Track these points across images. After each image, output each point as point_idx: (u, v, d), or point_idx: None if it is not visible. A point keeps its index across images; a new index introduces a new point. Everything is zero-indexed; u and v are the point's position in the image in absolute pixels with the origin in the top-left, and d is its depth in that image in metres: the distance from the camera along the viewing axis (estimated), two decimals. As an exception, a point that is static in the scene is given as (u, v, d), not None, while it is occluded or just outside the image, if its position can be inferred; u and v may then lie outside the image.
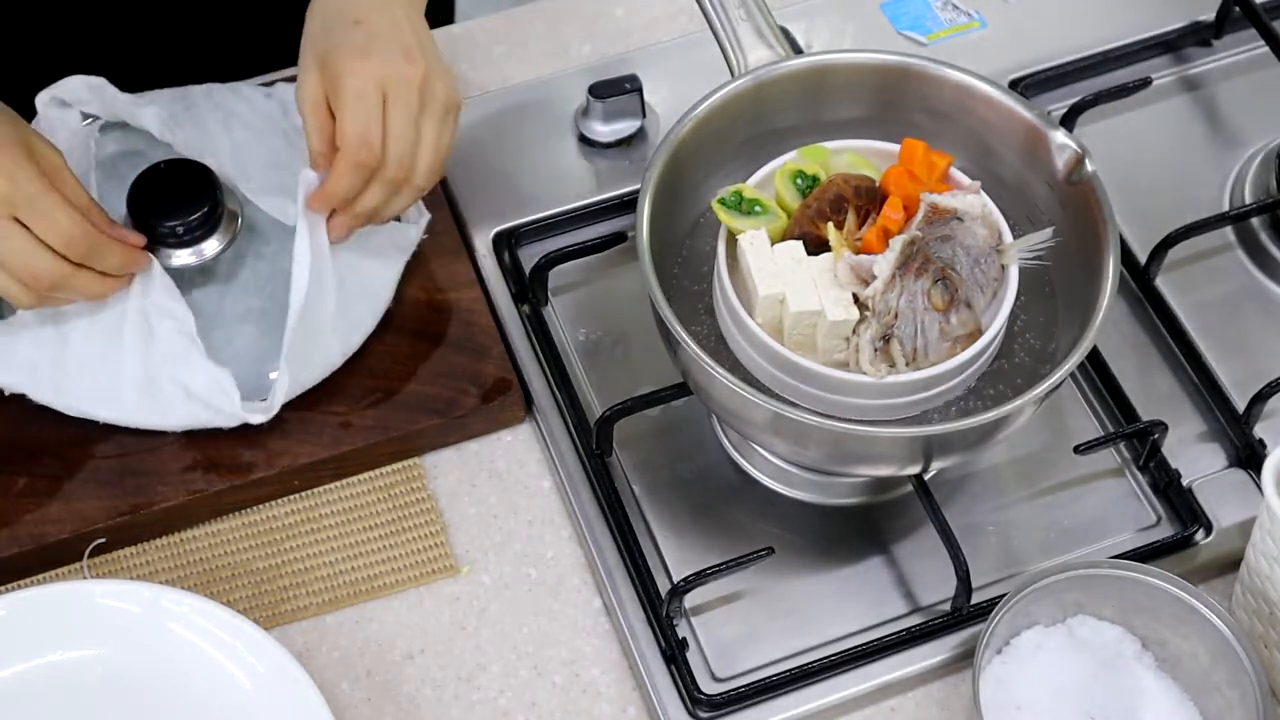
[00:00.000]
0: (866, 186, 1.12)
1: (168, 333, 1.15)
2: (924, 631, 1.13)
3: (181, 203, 1.16)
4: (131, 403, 1.16)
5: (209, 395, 1.15)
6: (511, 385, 1.21)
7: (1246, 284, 1.28)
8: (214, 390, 1.15)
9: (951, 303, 1.08)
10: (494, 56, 1.39)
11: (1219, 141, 1.35)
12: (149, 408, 1.16)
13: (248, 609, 1.14)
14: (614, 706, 1.12)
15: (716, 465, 1.20)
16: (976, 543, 1.16)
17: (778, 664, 1.12)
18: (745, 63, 1.16)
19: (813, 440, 1.08)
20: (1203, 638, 1.07)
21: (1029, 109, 1.14)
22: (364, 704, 1.12)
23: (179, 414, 1.16)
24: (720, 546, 1.15)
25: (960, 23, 1.40)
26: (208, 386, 1.15)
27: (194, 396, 1.15)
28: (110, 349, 1.16)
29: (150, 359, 1.15)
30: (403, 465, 1.20)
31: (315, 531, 1.18)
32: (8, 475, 1.17)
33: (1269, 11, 1.37)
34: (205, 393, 1.15)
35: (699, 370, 1.07)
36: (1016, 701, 1.08)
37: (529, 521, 1.19)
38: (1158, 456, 1.19)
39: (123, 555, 1.17)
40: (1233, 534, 1.16)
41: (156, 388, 1.16)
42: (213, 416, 1.16)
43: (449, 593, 1.16)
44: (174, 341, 1.15)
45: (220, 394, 1.15)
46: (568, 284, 1.27)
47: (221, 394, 1.15)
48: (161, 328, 1.15)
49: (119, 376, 1.16)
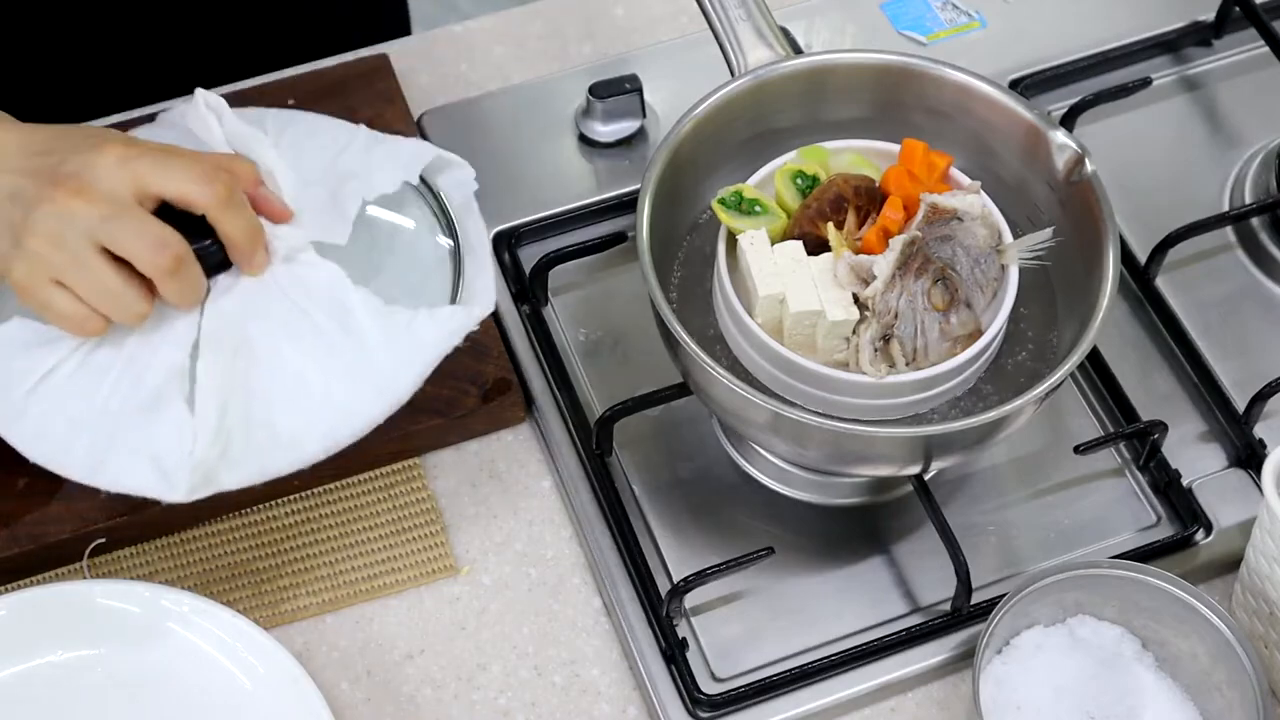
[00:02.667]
0: (866, 186, 1.12)
1: (162, 365, 1.04)
2: (924, 631, 1.13)
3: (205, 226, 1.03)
4: (80, 448, 1.03)
5: (167, 451, 1.02)
6: (511, 385, 1.21)
7: (1246, 284, 1.28)
8: (176, 447, 1.02)
9: (951, 303, 1.08)
10: (494, 56, 1.39)
11: (1219, 141, 1.35)
12: (91, 458, 1.03)
13: (248, 609, 1.14)
14: (614, 706, 1.12)
15: (716, 465, 1.20)
16: (976, 543, 1.16)
17: (778, 664, 1.12)
18: (745, 63, 1.16)
19: (813, 440, 1.08)
20: (1203, 638, 1.07)
21: (1029, 109, 1.14)
22: (364, 704, 1.12)
23: (120, 471, 1.03)
24: (720, 546, 1.15)
25: (960, 23, 1.40)
26: (173, 440, 1.02)
27: (143, 451, 1.03)
28: (95, 381, 1.04)
29: (131, 398, 1.03)
30: (403, 465, 1.20)
31: (315, 531, 1.18)
32: (8, 475, 1.16)
33: (1269, 11, 1.37)
34: (164, 447, 1.02)
35: (699, 370, 1.07)
36: (1016, 701, 1.08)
37: (529, 521, 1.19)
38: (1158, 456, 1.19)
39: (123, 555, 1.17)
40: (1233, 534, 1.16)
41: (118, 434, 1.03)
42: (154, 483, 1.02)
43: (449, 593, 1.16)
44: (165, 378, 1.03)
45: (179, 452, 1.02)
46: (568, 284, 1.27)
47: (180, 452, 1.02)
48: (158, 359, 1.04)
49: (90, 413, 1.03)
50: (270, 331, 1.04)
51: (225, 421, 1.02)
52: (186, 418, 1.02)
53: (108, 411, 1.03)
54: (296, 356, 1.04)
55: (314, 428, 1.04)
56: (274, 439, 1.03)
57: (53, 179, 1.00)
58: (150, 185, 1.00)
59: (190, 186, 1.01)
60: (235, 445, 1.03)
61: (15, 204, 1.00)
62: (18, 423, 1.05)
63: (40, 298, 1.01)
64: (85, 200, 0.99)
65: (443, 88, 1.37)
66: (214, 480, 1.03)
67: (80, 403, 1.04)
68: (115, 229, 0.99)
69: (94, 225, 0.99)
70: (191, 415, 1.02)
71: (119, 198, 1.00)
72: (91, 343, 1.04)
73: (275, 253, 1.04)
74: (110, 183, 1.00)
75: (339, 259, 1.06)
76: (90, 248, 0.99)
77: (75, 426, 1.04)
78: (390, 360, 1.05)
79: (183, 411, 1.02)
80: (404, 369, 1.05)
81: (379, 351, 1.04)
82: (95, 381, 1.04)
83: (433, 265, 1.13)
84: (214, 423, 1.02)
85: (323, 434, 1.04)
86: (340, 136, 1.14)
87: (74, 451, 1.04)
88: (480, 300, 1.10)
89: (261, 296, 1.04)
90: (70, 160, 1.00)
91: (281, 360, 1.04)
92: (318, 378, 1.04)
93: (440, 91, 1.36)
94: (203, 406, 1.02)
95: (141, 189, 1.00)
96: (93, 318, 1.01)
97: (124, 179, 1.00)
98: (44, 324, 1.04)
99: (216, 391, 1.02)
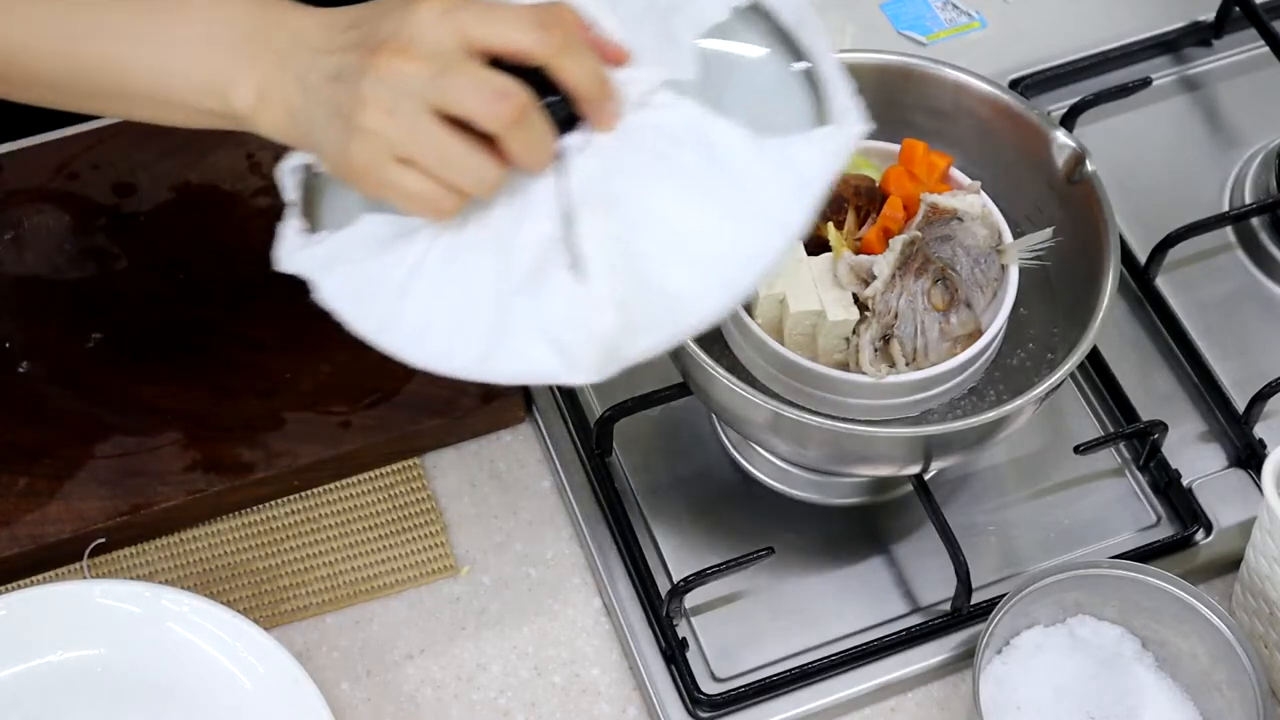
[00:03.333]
0: (866, 186, 1.12)
1: (532, 241, 0.92)
2: (924, 631, 1.13)
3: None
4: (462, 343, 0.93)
5: (563, 330, 0.91)
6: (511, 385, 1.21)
7: (1246, 284, 1.28)
8: (574, 322, 0.91)
9: (951, 303, 1.08)
10: (494, 56, 1.39)
11: (1219, 141, 1.35)
12: (476, 349, 0.93)
13: (248, 609, 1.14)
14: (614, 706, 1.12)
15: (716, 465, 1.20)
16: (976, 543, 1.16)
17: (778, 664, 1.12)
18: (746, 62, 1.15)
19: (813, 440, 1.08)
20: (1203, 638, 1.07)
21: (1029, 109, 1.14)
22: (364, 704, 1.12)
23: (513, 359, 0.92)
24: (720, 546, 1.15)
25: (960, 23, 1.40)
26: (567, 316, 0.91)
27: (539, 333, 0.92)
28: (468, 269, 0.93)
29: (508, 278, 0.92)
30: (403, 465, 1.20)
31: (315, 531, 1.18)
32: (8, 475, 1.17)
33: (1269, 11, 1.37)
34: (560, 325, 0.91)
35: (699, 370, 1.07)
36: (1016, 701, 1.08)
37: (529, 521, 1.19)
38: (1158, 456, 1.19)
39: (123, 555, 1.17)
40: (1233, 534, 1.16)
41: (506, 320, 0.92)
42: (553, 365, 0.91)
43: (449, 593, 1.16)
44: (538, 253, 0.92)
45: (579, 327, 0.91)
46: (568, 284, 1.27)
47: (581, 327, 0.91)
48: (523, 234, 0.92)
49: (467, 305, 0.93)
50: (640, 185, 0.92)
51: (619, 287, 0.91)
52: (576, 289, 0.91)
53: (488, 297, 0.92)
54: (675, 207, 0.92)
55: (711, 280, 0.92)
56: (674, 299, 0.92)
57: (370, 47, 0.90)
58: (477, 37, 0.89)
59: (523, 35, 0.89)
60: (634, 311, 0.92)
61: (339, 84, 0.91)
62: (393, 327, 0.94)
63: (385, 178, 0.90)
64: (410, 60, 0.89)
65: (443, 88, 1.37)
66: (619, 353, 0.92)
67: (457, 291, 0.93)
68: (448, 85, 0.89)
69: (425, 85, 0.89)
70: (580, 286, 0.91)
71: (446, 52, 0.89)
72: (452, 227, 0.93)
73: (625, 99, 0.92)
74: (433, 38, 0.89)
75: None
76: (426, 113, 0.89)
77: (457, 319, 0.93)
78: (776, 193, 0.93)
79: (570, 284, 0.91)
80: (792, 200, 0.93)
81: (761, 187, 0.92)
82: (466, 268, 0.93)
83: (784, 91, 0.98)
84: (608, 290, 0.91)
85: (723, 285, 0.92)
86: None
87: (461, 346, 0.93)
88: (849, 118, 0.96)
89: (621, 149, 0.92)
90: (383, 24, 0.90)
91: (659, 214, 0.92)
92: (702, 226, 0.92)
93: (440, 91, 1.36)
94: (595, 274, 0.91)
95: (468, 42, 0.89)
96: (446, 195, 0.91)
97: (448, 32, 0.89)
98: (394, 216, 0.94)
99: (604, 256, 0.91)
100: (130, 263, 1.26)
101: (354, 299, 0.94)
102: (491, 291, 0.92)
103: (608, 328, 0.90)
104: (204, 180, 1.29)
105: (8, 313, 1.24)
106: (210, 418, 1.19)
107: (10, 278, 1.25)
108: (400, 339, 0.94)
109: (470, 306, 0.93)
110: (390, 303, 0.94)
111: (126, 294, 1.24)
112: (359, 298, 0.94)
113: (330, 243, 0.94)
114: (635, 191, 0.92)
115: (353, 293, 0.94)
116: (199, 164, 1.30)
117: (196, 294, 1.24)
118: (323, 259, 0.94)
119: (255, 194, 1.28)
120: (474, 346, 0.92)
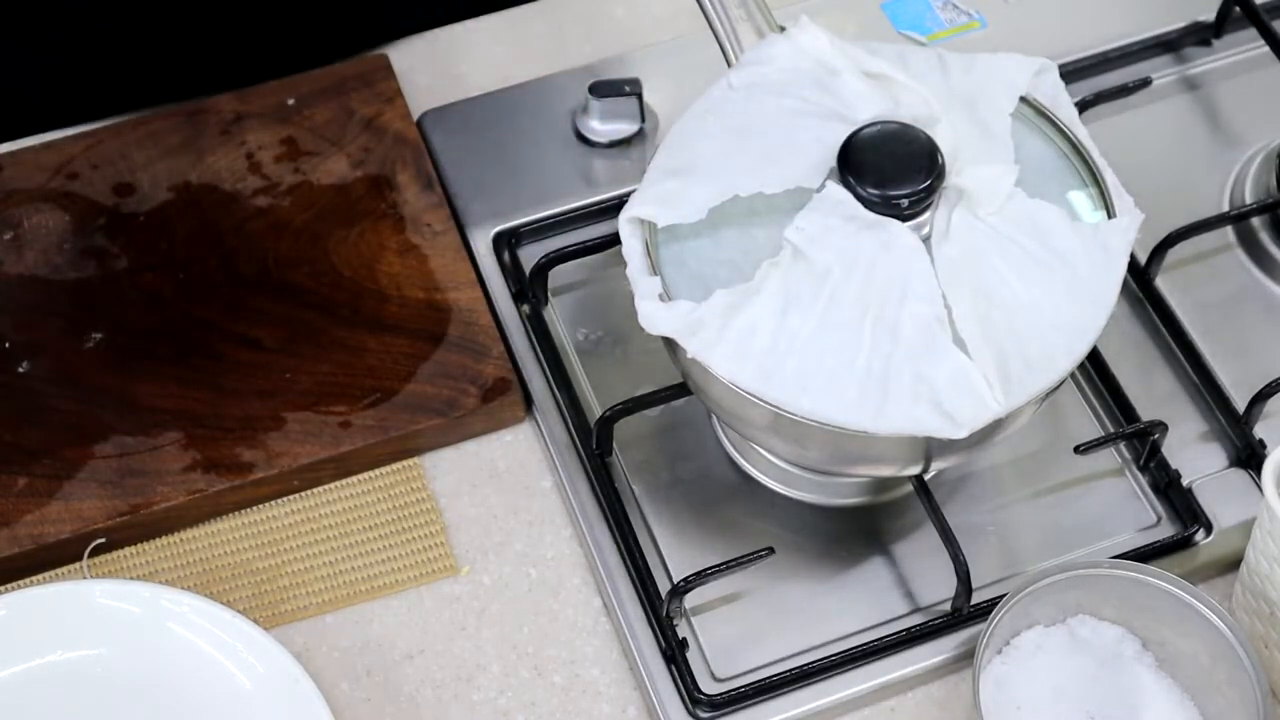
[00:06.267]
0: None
1: (914, 318, 1.02)
2: (924, 631, 1.13)
3: (905, 170, 1.02)
4: (851, 398, 1.02)
5: (947, 394, 1.01)
6: (511, 385, 1.21)
7: (1246, 284, 1.28)
8: (958, 387, 1.02)
9: (953, 303, 1.09)
10: (494, 56, 1.39)
11: (1219, 141, 1.35)
12: (867, 406, 1.02)
13: (248, 609, 1.14)
14: (614, 706, 1.12)
15: (716, 465, 1.20)
16: (976, 543, 1.16)
17: (778, 664, 1.12)
18: (746, 62, 1.15)
19: (813, 440, 1.08)
20: (1203, 638, 1.07)
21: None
22: (364, 704, 1.12)
23: (900, 416, 1.02)
24: (720, 546, 1.15)
25: (960, 23, 1.40)
26: (951, 382, 1.02)
27: (924, 396, 1.02)
28: (847, 337, 1.03)
29: (892, 349, 1.02)
30: (403, 465, 1.20)
31: (315, 531, 1.18)
32: (8, 475, 1.17)
33: (1269, 11, 1.37)
34: (945, 390, 1.01)
35: (699, 370, 1.07)
36: (1016, 701, 1.08)
37: (529, 521, 1.19)
38: (1158, 456, 1.19)
39: (123, 555, 1.17)
40: (1233, 534, 1.16)
41: (889, 383, 1.02)
42: (938, 423, 1.02)
43: (449, 593, 1.16)
44: (922, 328, 1.02)
45: (963, 392, 1.02)
46: (568, 284, 1.27)
47: (965, 391, 1.01)
48: (906, 312, 1.02)
49: (849, 367, 1.02)
50: (994, 268, 1.04)
51: (993, 359, 1.02)
52: (961, 361, 1.02)
53: (874, 363, 1.02)
54: (1024, 287, 1.04)
55: (1058, 348, 1.04)
56: (1032, 367, 1.04)
57: None
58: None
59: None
60: (1004, 378, 1.03)
61: None
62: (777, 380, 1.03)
63: None
64: None
65: (443, 88, 1.37)
66: (990, 413, 1.02)
67: (836, 359, 1.03)
68: None
69: None
70: (963, 357, 1.02)
71: None
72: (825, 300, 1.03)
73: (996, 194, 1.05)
74: None
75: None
76: None
77: (840, 381, 1.03)
78: (1093, 272, 1.06)
79: (957, 356, 1.02)
80: (1108, 279, 1.06)
81: (1083, 266, 1.05)
82: (845, 338, 1.03)
83: (1061, 173, 1.11)
84: (990, 363, 1.02)
85: (1066, 352, 1.05)
86: (928, 60, 1.13)
87: (854, 403, 1.02)
88: (1124, 204, 1.09)
89: (976, 236, 1.04)
90: None
91: (1013, 293, 1.04)
92: (1047, 301, 1.04)
93: (440, 91, 1.36)
94: (974, 349, 1.02)
95: None
96: None
97: None
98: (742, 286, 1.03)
99: (979, 331, 1.02)
100: (130, 263, 1.26)
101: (726, 358, 1.03)
102: (876, 359, 1.02)
103: (986, 394, 1.01)
104: (204, 180, 1.29)
105: (8, 313, 1.24)
106: (210, 418, 1.19)
107: (10, 278, 1.25)
108: (784, 392, 1.03)
109: (852, 371, 1.02)
110: (770, 360, 1.03)
111: (126, 294, 1.24)
112: (730, 356, 1.03)
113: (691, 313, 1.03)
114: (990, 274, 1.04)
115: (724, 354, 1.03)
116: (199, 164, 1.30)
117: (196, 294, 1.24)
118: (684, 325, 1.03)
119: (255, 194, 1.28)
120: (867, 405, 1.02)
